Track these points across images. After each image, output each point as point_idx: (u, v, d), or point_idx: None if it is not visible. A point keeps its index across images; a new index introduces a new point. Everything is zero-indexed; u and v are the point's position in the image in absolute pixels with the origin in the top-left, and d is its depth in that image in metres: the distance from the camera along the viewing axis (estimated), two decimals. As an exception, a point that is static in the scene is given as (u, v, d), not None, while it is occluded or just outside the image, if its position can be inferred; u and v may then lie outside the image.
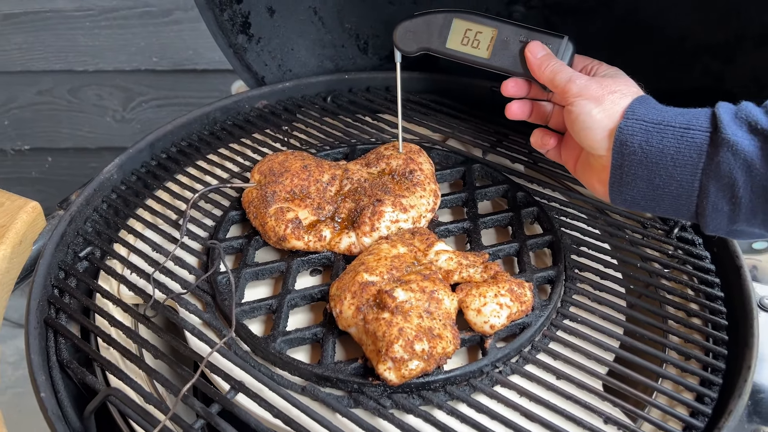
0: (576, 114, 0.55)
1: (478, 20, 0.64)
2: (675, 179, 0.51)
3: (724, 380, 0.54)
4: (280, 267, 0.63)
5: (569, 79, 0.57)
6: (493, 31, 0.63)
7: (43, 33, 1.37)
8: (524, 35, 0.62)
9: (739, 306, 0.58)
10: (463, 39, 0.65)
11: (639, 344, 0.57)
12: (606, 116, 0.54)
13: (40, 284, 0.60)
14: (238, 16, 0.86)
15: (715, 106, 0.51)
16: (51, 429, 0.49)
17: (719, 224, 0.51)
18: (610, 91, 0.55)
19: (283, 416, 0.50)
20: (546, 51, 0.61)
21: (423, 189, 0.67)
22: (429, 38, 0.66)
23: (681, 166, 0.51)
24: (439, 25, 0.65)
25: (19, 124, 1.50)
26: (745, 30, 0.66)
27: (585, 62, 0.62)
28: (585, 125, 0.55)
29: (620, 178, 0.54)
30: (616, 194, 0.55)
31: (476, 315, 0.55)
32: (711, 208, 0.51)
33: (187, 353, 0.56)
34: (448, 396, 0.53)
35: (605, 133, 0.54)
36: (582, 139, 0.56)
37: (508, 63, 0.63)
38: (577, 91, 0.56)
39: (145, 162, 0.77)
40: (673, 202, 0.53)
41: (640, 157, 0.52)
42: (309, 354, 0.58)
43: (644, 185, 0.53)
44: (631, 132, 0.52)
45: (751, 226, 0.51)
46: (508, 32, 0.63)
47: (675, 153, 0.51)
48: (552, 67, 0.59)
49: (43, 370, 0.53)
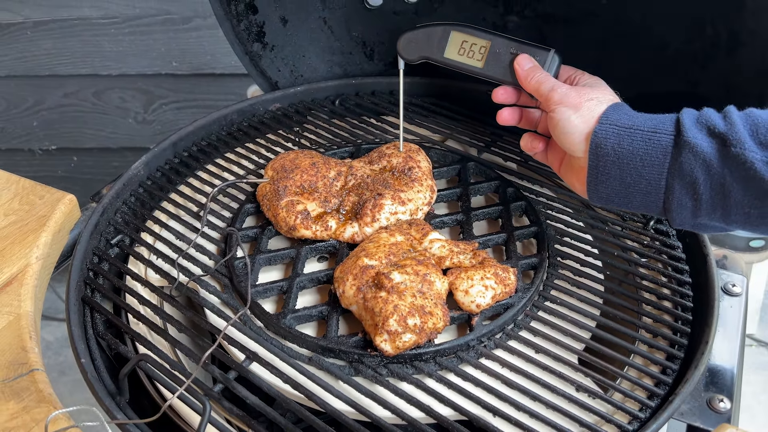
0: (557, 120, 0.60)
1: (473, 33, 0.70)
2: (644, 178, 0.56)
3: (686, 355, 0.60)
4: (291, 253, 0.70)
5: (551, 88, 0.62)
6: (487, 43, 0.69)
7: (70, 39, 1.44)
8: (515, 48, 0.68)
9: (704, 290, 0.64)
10: (459, 50, 0.70)
11: (613, 324, 0.63)
12: (583, 121, 0.59)
13: (77, 267, 0.67)
14: (254, 26, 0.93)
15: (680, 112, 0.56)
16: (91, 389, 0.56)
17: (684, 218, 0.56)
18: (587, 99, 0.60)
19: (292, 382, 0.57)
20: (533, 63, 0.66)
21: (420, 184, 0.74)
22: (429, 48, 0.72)
23: (649, 166, 0.55)
24: (439, 37, 0.71)
25: (47, 126, 1.57)
26: (718, 39, 0.72)
27: (569, 72, 0.67)
28: (565, 130, 0.60)
29: (596, 178, 0.58)
30: (592, 192, 0.60)
31: (464, 295, 0.62)
32: (676, 204, 0.55)
33: (207, 327, 0.63)
34: (437, 366, 0.59)
35: (582, 137, 0.59)
36: (562, 142, 0.61)
37: (500, 72, 0.68)
38: (558, 99, 0.61)
39: (168, 160, 0.84)
40: (644, 199, 0.57)
41: (613, 158, 0.57)
42: (315, 329, 0.64)
43: (617, 184, 0.57)
44: (604, 135, 0.57)
45: (712, 220, 0.55)
46: (501, 44, 0.68)
47: (644, 154, 0.55)
48: (537, 77, 0.64)
49: (82, 340, 0.60)
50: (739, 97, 0.69)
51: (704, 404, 0.56)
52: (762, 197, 0.51)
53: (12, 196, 0.73)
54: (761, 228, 0.54)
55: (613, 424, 0.55)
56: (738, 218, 0.53)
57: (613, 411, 0.56)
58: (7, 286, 0.63)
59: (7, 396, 0.53)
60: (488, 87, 0.91)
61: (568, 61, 0.69)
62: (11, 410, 0.52)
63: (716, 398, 0.56)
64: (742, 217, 0.53)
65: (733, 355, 0.60)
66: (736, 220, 0.54)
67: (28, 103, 1.53)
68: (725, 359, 0.60)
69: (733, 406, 0.55)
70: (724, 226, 0.55)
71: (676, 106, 0.59)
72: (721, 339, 0.62)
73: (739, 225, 0.54)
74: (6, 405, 0.52)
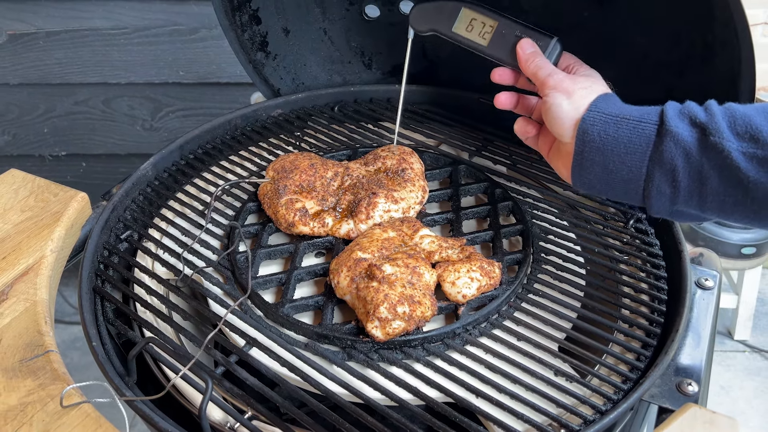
0: (549, 104, 0.63)
1: (483, 11, 0.72)
2: (626, 165, 0.58)
3: (658, 343, 0.64)
4: (290, 248, 0.74)
5: (549, 73, 0.65)
6: (494, 23, 0.71)
7: (81, 49, 1.49)
8: (520, 31, 0.70)
9: (677, 283, 0.68)
10: (468, 26, 0.73)
11: (593, 315, 0.67)
12: (573, 108, 0.61)
13: (89, 259, 0.72)
14: (257, 36, 0.98)
15: (665, 104, 0.59)
16: (101, 369, 0.60)
17: (662, 206, 0.58)
18: (580, 87, 0.62)
19: (289, 365, 0.61)
20: (535, 48, 0.69)
21: (413, 185, 0.78)
22: (438, 21, 0.75)
23: (632, 153, 0.57)
24: (449, 11, 0.74)
25: (57, 132, 1.62)
26: (693, 49, 0.77)
27: (569, 60, 0.70)
28: (556, 115, 0.62)
29: (581, 163, 0.61)
30: (576, 177, 0.62)
31: (451, 286, 0.66)
32: (655, 191, 0.57)
33: (210, 315, 0.67)
34: (425, 352, 0.63)
35: (572, 123, 0.61)
36: (552, 127, 0.63)
37: (503, 53, 0.71)
38: (552, 84, 0.63)
39: (175, 161, 0.89)
40: (624, 186, 0.59)
41: (598, 144, 0.59)
42: (312, 318, 0.69)
43: (600, 170, 0.60)
44: (592, 122, 0.59)
45: (689, 208, 0.57)
46: (507, 26, 0.71)
47: (627, 142, 0.58)
48: (536, 62, 0.67)
49: (93, 326, 0.65)
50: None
51: (673, 388, 0.59)
52: (736, 185, 0.53)
53: (28, 194, 0.77)
54: (734, 216, 0.56)
55: (588, 405, 0.59)
56: (713, 206, 0.56)
57: (589, 394, 0.60)
58: (24, 275, 0.67)
59: (24, 374, 0.57)
60: (480, 95, 0.96)
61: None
62: (28, 387, 0.56)
63: (685, 382, 0.59)
64: (717, 205, 0.55)
65: (704, 342, 0.64)
66: (711, 208, 0.56)
67: (40, 111, 1.58)
68: (696, 346, 0.64)
69: (701, 389, 0.59)
70: (700, 213, 0.58)
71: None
72: (693, 328, 0.66)
73: (714, 213, 0.57)
74: (24, 382, 0.56)
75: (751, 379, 1.74)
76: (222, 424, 0.58)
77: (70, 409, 0.53)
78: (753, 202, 0.54)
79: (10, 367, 0.58)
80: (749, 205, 0.54)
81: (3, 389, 0.56)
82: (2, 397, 0.55)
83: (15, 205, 0.76)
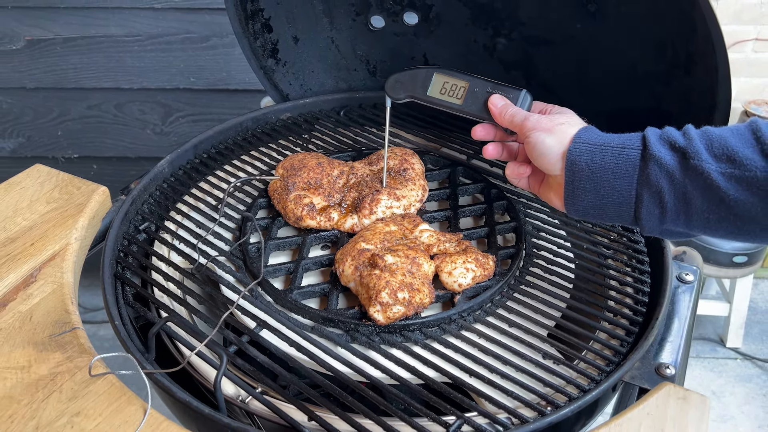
0: (533, 144, 0.65)
1: (454, 74, 0.76)
2: (616, 189, 0.60)
3: (640, 330, 0.69)
4: (297, 241, 0.79)
5: (525, 117, 0.68)
6: (465, 84, 0.75)
7: (96, 55, 1.54)
8: (491, 87, 0.73)
9: (659, 277, 0.73)
10: (441, 89, 0.77)
11: (580, 305, 0.72)
12: (557, 142, 0.64)
13: (110, 248, 0.77)
14: (269, 44, 1.03)
15: (645, 130, 0.62)
16: (123, 346, 0.65)
17: (653, 225, 0.60)
18: (558, 123, 0.65)
19: (297, 346, 0.66)
20: (505, 101, 0.72)
21: (414, 183, 0.83)
22: (414, 88, 0.78)
23: (620, 178, 0.60)
24: (423, 78, 0.78)
25: (71, 135, 1.67)
26: (677, 60, 0.82)
27: (541, 106, 0.73)
28: (541, 152, 0.65)
29: (573, 192, 0.63)
30: (570, 206, 0.64)
31: (448, 276, 0.71)
32: (645, 212, 0.60)
33: (224, 300, 0.72)
34: (423, 335, 0.68)
35: (558, 156, 0.64)
36: (540, 163, 0.65)
37: (477, 109, 0.74)
38: (531, 126, 0.66)
39: (190, 160, 0.94)
40: (617, 210, 0.62)
41: (587, 172, 0.61)
42: (318, 303, 0.73)
43: (592, 196, 0.62)
44: (578, 153, 0.62)
45: (677, 226, 0.60)
46: (478, 85, 0.74)
47: (614, 167, 0.60)
48: (510, 112, 0.70)
49: (115, 307, 0.70)
50: (696, 109, 0.79)
51: (653, 371, 0.64)
52: (719, 203, 0.56)
53: (53, 187, 0.83)
54: (719, 232, 0.59)
55: (573, 385, 0.63)
56: (699, 224, 0.58)
57: (575, 375, 0.65)
58: (51, 260, 0.72)
59: (53, 348, 0.62)
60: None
61: (550, 77, 0.77)
62: (57, 359, 0.61)
63: (663, 365, 0.64)
64: (702, 222, 0.58)
65: (682, 329, 0.68)
66: (697, 225, 0.59)
67: (54, 114, 1.63)
68: (675, 333, 0.69)
69: (677, 372, 0.64)
70: (687, 231, 0.60)
71: (646, 119, 0.67)
72: (672, 317, 0.71)
73: (700, 230, 0.59)
74: (53, 355, 0.61)
75: (743, 385, 1.79)
76: (234, 397, 0.63)
77: (96, 379, 0.58)
78: (736, 219, 0.57)
79: (40, 341, 0.62)
80: (733, 221, 0.56)
81: (34, 361, 0.60)
82: (34, 368, 0.60)
83: (41, 197, 0.81)
